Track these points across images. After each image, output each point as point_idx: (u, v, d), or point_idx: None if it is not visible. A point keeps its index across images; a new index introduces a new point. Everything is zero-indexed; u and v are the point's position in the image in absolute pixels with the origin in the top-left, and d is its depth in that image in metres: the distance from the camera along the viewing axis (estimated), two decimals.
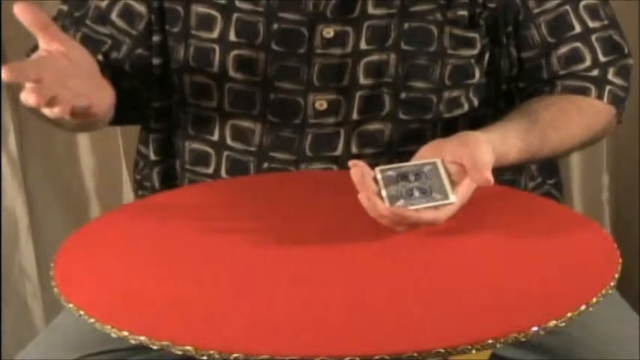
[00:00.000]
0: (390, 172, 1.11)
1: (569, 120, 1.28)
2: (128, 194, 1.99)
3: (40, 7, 1.53)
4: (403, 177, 1.10)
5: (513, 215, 1.14)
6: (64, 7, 1.36)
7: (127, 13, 1.32)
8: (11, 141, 1.93)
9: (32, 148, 1.98)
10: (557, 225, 1.13)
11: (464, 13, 1.28)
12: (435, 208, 1.08)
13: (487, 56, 1.31)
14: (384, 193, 1.08)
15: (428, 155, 1.13)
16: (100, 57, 1.31)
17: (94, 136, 1.97)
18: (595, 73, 1.31)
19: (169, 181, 1.38)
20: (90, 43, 1.30)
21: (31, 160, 1.98)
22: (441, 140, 1.15)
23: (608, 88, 1.31)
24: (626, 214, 2.04)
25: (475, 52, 1.30)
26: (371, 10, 1.27)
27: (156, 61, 1.34)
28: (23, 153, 1.96)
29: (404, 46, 1.28)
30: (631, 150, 1.99)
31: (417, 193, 1.09)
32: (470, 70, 1.30)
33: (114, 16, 1.32)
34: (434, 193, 1.09)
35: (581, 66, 1.31)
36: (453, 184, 1.09)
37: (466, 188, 1.10)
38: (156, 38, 1.33)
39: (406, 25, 1.27)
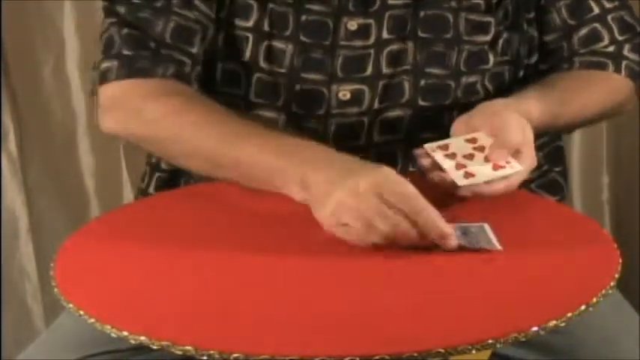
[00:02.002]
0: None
1: (588, 86, 1.32)
2: (128, 194, 1.99)
3: (40, 7, 1.53)
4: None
5: (513, 215, 1.14)
6: (120, 7, 1.28)
7: None
8: (11, 141, 1.94)
9: (32, 148, 1.98)
10: (557, 225, 1.13)
11: (479, 1, 1.30)
12: (505, 178, 1.13)
13: (501, 42, 1.32)
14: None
15: (461, 132, 1.19)
16: (195, 49, 1.27)
17: (94, 136, 1.98)
18: (611, 49, 1.35)
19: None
20: (185, 32, 1.27)
21: (31, 160, 1.98)
22: (468, 116, 1.20)
23: (624, 62, 1.34)
24: (626, 214, 2.04)
25: (488, 38, 1.31)
26: (390, 1, 1.29)
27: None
28: (23, 153, 1.96)
29: (421, 34, 1.29)
30: (631, 150, 1.99)
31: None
32: (484, 55, 1.32)
33: (197, 0, 1.28)
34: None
35: (600, 44, 1.35)
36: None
37: (529, 152, 1.16)
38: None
39: (422, 13, 1.29)
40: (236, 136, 1.18)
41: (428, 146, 1.16)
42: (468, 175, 1.13)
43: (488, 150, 1.15)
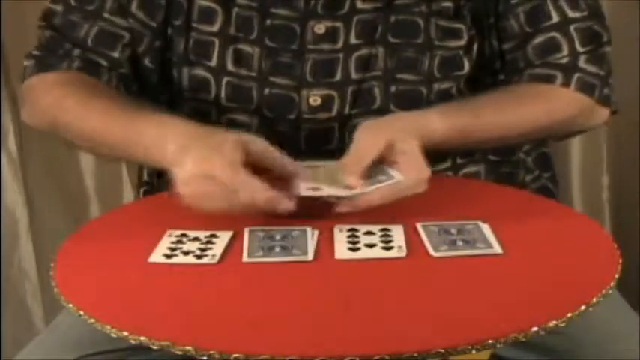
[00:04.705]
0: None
1: (518, 103, 1.26)
2: (128, 194, 1.99)
3: (40, 7, 1.53)
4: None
5: (513, 215, 1.14)
6: (57, 6, 1.34)
7: (147, 4, 1.32)
8: (11, 141, 1.94)
9: (32, 148, 1.98)
10: (557, 225, 1.13)
11: (448, 4, 1.29)
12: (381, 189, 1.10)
13: (476, 47, 1.31)
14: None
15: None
16: (116, 54, 1.31)
17: None
18: (565, 60, 1.29)
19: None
20: (108, 37, 1.31)
21: (31, 160, 1.98)
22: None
23: (576, 75, 1.28)
24: (626, 214, 2.04)
25: (462, 42, 1.30)
26: (359, 5, 1.28)
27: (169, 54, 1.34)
28: (23, 153, 1.96)
29: (391, 39, 1.29)
30: (631, 150, 1.99)
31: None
32: (459, 61, 1.30)
33: (134, 8, 1.32)
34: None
35: (557, 55, 1.29)
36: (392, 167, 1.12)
37: (409, 162, 1.13)
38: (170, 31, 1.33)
39: (392, 19, 1.28)
40: (118, 114, 1.21)
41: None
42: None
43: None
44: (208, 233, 1.09)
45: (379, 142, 1.12)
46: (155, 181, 1.41)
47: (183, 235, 1.09)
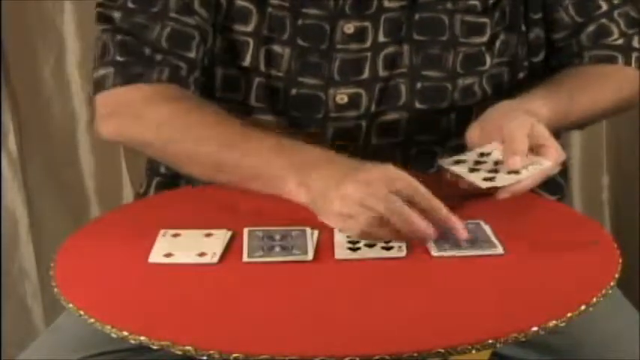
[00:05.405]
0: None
1: (596, 83, 1.32)
2: (128, 194, 1.99)
3: (40, 7, 1.53)
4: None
5: (513, 215, 1.14)
6: (112, 11, 1.28)
7: (206, 3, 1.28)
8: (11, 141, 1.94)
9: (32, 148, 1.98)
10: (557, 225, 1.13)
11: (474, 2, 1.30)
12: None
13: (498, 43, 1.32)
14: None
15: (476, 138, 1.18)
16: (192, 54, 1.27)
17: (93, 136, 1.97)
18: (620, 42, 1.35)
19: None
20: (181, 38, 1.27)
21: (31, 160, 1.98)
22: (479, 122, 1.19)
23: (635, 54, 1.34)
24: (626, 214, 2.04)
25: (485, 39, 1.31)
26: (386, 3, 1.29)
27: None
28: (23, 153, 1.96)
29: (416, 37, 1.29)
30: (631, 150, 1.99)
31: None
32: (481, 57, 1.31)
33: (197, 5, 1.28)
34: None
35: (611, 38, 1.35)
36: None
37: (552, 144, 1.15)
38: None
39: (417, 16, 1.29)
40: (236, 140, 1.18)
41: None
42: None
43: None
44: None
45: (527, 126, 1.14)
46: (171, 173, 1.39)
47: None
